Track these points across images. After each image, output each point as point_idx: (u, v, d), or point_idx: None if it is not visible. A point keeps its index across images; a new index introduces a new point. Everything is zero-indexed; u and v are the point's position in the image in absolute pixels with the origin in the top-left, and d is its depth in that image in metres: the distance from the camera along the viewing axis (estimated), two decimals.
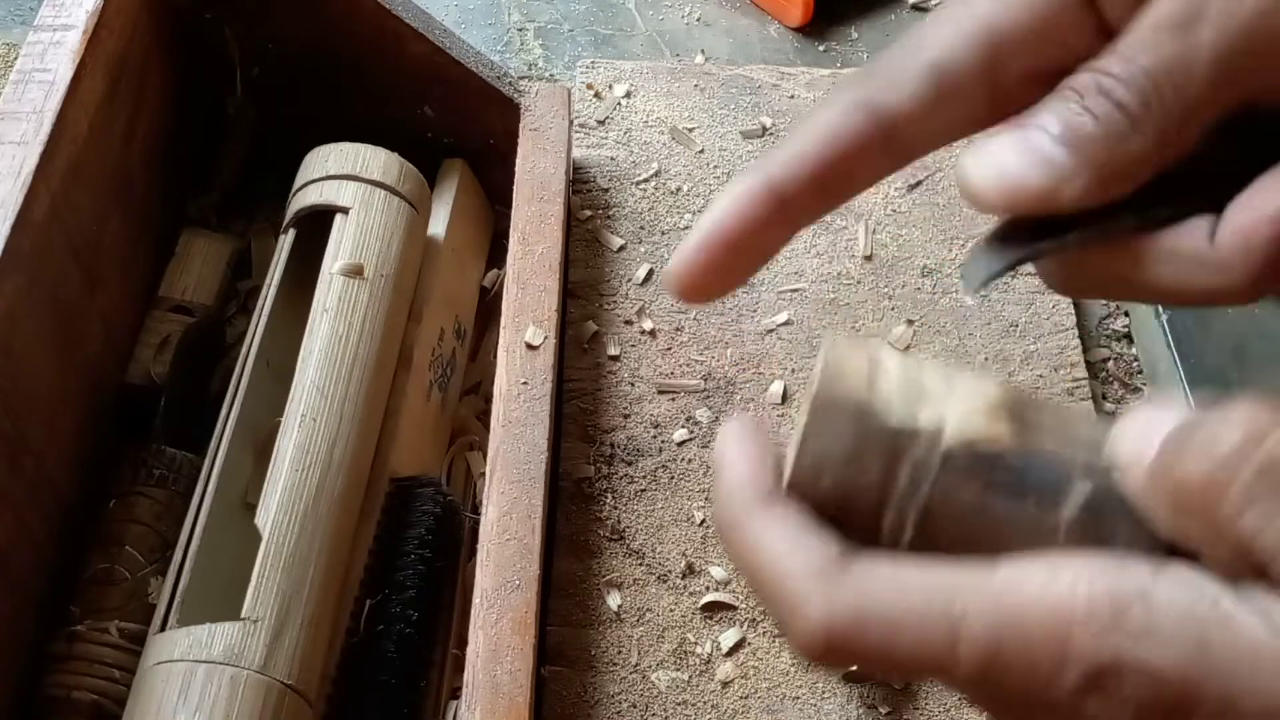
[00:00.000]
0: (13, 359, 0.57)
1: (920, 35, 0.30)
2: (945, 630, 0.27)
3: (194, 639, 0.54)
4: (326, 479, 0.60)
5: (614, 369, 0.74)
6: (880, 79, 0.30)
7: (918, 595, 0.27)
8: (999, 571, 0.27)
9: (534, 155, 0.73)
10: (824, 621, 0.28)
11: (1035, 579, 0.26)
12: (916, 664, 0.27)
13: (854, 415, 0.29)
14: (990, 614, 0.26)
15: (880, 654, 0.27)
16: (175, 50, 0.73)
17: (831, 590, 0.28)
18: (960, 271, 0.30)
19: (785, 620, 0.29)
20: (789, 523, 0.29)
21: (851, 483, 0.29)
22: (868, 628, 0.27)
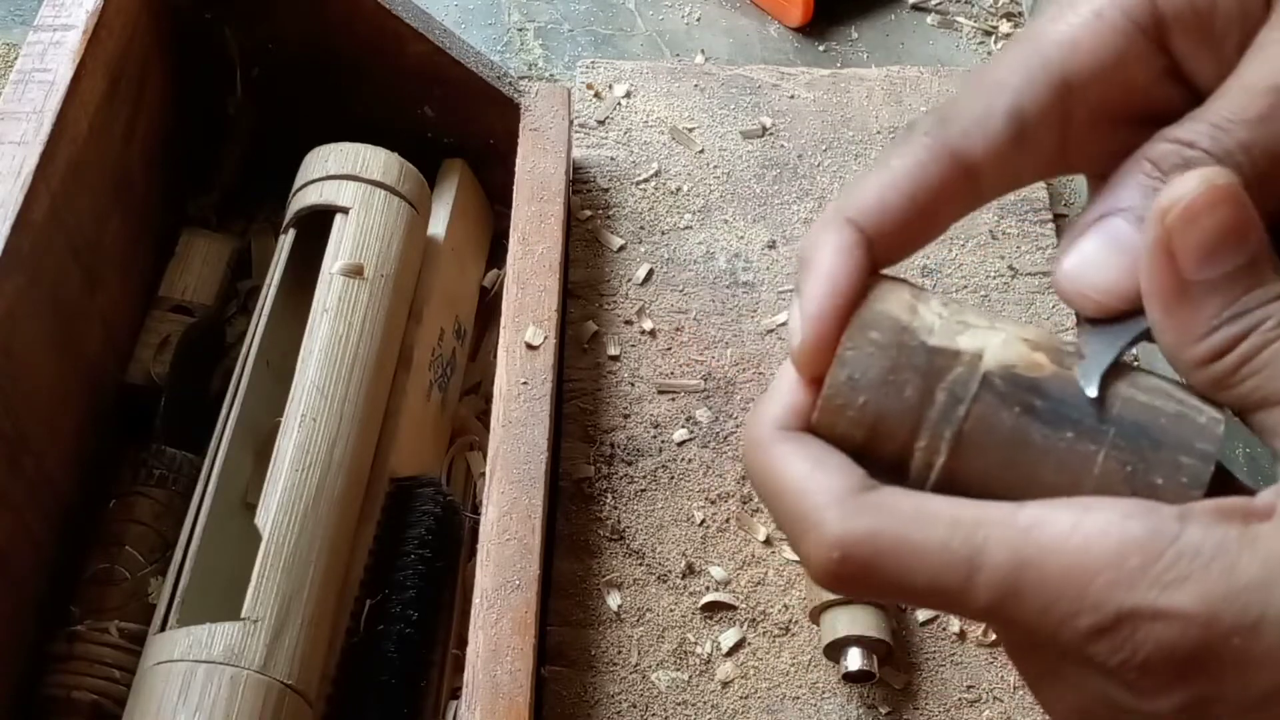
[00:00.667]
0: (13, 359, 0.57)
1: (994, 78, 0.30)
2: (964, 558, 0.27)
3: (194, 639, 0.54)
4: (326, 479, 0.60)
5: (614, 369, 0.74)
6: (960, 125, 0.30)
7: (940, 522, 0.27)
8: (1026, 508, 0.27)
9: (534, 155, 0.73)
10: (840, 539, 0.27)
11: (1063, 520, 0.26)
12: (930, 590, 0.27)
13: (893, 333, 0.29)
14: (1013, 549, 0.26)
15: (895, 577, 0.27)
16: (175, 50, 0.73)
17: (851, 510, 0.27)
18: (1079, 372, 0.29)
19: (800, 539, 0.28)
20: (815, 447, 0.29)
21: (887, 401, 0.28)
22: (885, 549, 0.27)
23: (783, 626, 0.66)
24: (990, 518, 0.27)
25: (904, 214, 0.30)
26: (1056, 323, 0.77)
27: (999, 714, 0.64)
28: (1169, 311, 0.27)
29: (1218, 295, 0.26)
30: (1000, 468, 0.28)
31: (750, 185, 0.82)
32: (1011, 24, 0.96)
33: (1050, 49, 0.29)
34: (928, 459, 0.28)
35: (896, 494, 0.28)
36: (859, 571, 0.27)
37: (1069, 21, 0.30)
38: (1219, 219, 0.26)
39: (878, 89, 0.87)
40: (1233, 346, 0.27)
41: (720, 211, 0.81)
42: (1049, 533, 0.26)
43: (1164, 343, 0.28)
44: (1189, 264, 0.26)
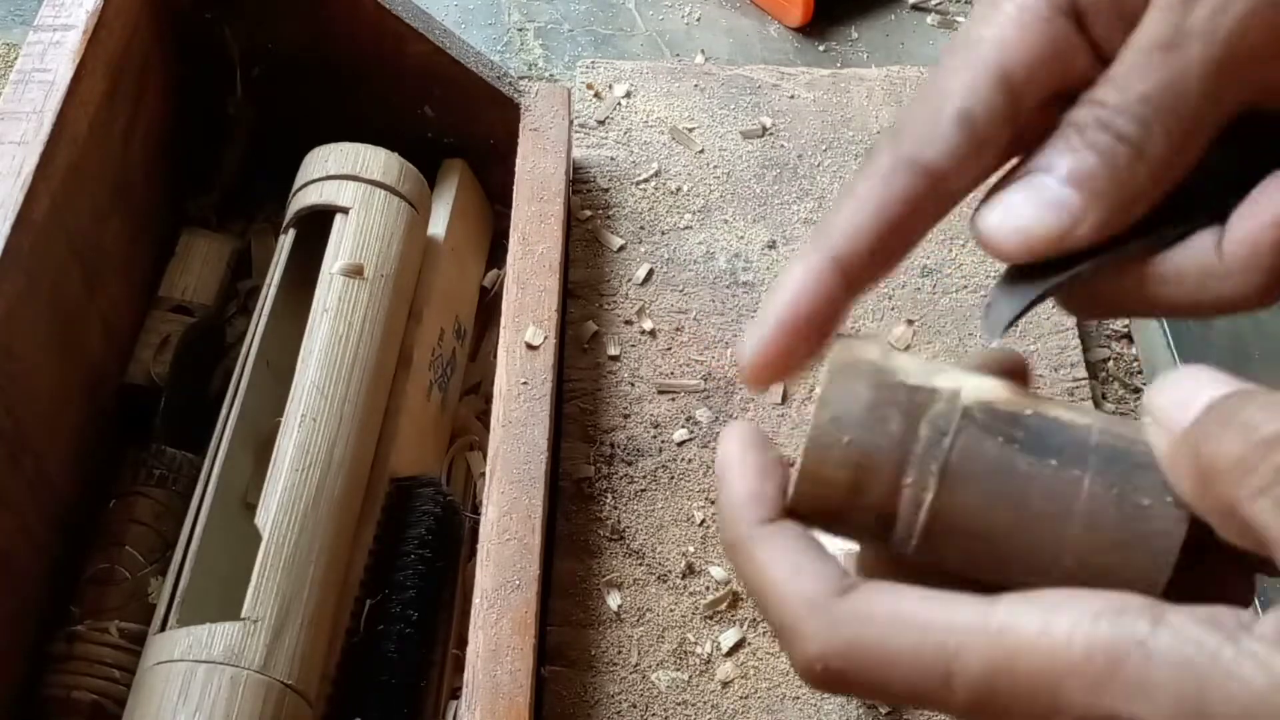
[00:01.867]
0: (13, 359, 0.57)
1: (938, 86, 0.31)
2: (940, 668, 0.27)
3: (194, 639, 0.54)
4: (326, 479, 0.60)
5: (614, 369, 0.74)
6: (913, 136, 0.30)
7: (914, 631, 0.27)
8: (998, 609, 0.27)
9: (534, 155, 0.73)
10: (819, 655, 0.28)
11: (1032, 622, 0.26)
12: (910, 698, 0.28)
13: (871, 374, 0.29)
14: (985, 655, 0.27)
15: (875, 687, 0.28)
16: (175, 50, 0.73)
17: (827, 624, 0.28)
18: (982, 315, 0.29)
19: (785, 644, 0.29)
20: (789, 546, 0.29)
21: (872, 437, 0.29)
22: (862, 663, 0.28)
23: None
24: (962, 623, 0.27)
25: (874, 231, 0.30)
26: (1057, 322, 0.77)
27: None
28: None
29: None
30: (989, 500, 0.28)
31: (750, 185, 0.82)
32: None
33: (984, 49, 0.30)
34: (916, 496, 0.28)
35: (872, 596, 0.28)
36: (840, 680, 0.28)
37: (996, 21, 0.30)
38: None
39: (878, 89, 0.87)
40: None
41: (720, 211, 0.81)
42: (1018, 636, 0.26)
43: None
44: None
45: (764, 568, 0.29)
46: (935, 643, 0.27)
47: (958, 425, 0.28)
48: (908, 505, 0.29)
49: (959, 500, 0.28)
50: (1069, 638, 0.26)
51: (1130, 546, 0.28)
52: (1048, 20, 0.30)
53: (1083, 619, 0.26)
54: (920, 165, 0.30)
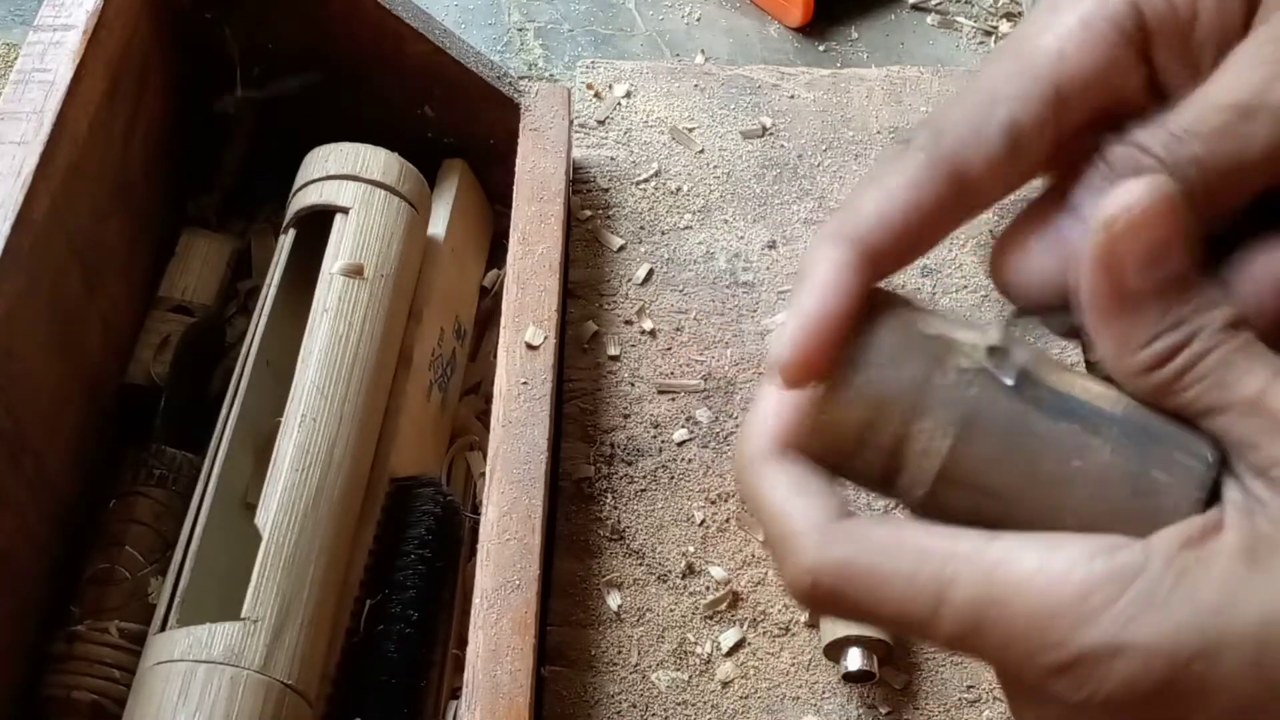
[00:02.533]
0: (13, 359, 0.57)
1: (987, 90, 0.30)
2: (931, 593, 0.27)
3: (194, 639, 0.54)
4: (326, 479, 0.60)
5: (614, 369, 0.74)
6: (955, 138, 0.30)
7: (910, 554, 0.28)
8: (996, 543, 0.27)
9: (534, 155, 0.73)
10: (813, 567, 0.28)
11: (1030, 558, 0.27)
12: (898, 620, 0.28)
13: (898, 323, 0.29)
14: (979, 585, 0.27)
15: (865, 604, 0.28)
16: (175, 50, 0.73)
17: (827, 538, 0.28)
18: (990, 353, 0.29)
19: (780, 560, 0.29)
20: (797, 470, 0.30)
21: (891, 380, 0.29)
22: (855, 580, 0.28)
23: (783, 626, 0.66)
24: (959, 551, 0.27)
25: (902, 230, 0.30)
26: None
27: (999, 714, 0.64)
28: (1108, 318, 0.27)
29: (1156, 303, 0.27)
30: (1000, 456, 0.28)
31: (750, 185, 0.82)
32: (1011, 24, 0.96)
33: (1040, 59, 0.30)
34: (927, 444, 0.28)
35: (871, 523, 0.28)
36: (830, 596, 0.28)
37: (1056, 31, 0.30)
38: (1162, 227, 0.26)
39: (878, 89, 0.87)
40: (1175, 354, 0.27)
41: (720, 211, 0.81)
42: (1014, 571, 0.27)
43: (1103, 349, 0.28)
44: (1130, 271, 0.27)
45: (770, 485, 0.30)
46: (931, 568, 0.27)
47: (978, 379, 0.28)
48: (918, 452, 0.28)
49: (971, 452, 0.28)
50: (1067, 574, 0.26)
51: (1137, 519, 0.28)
52: (1110, 41, 0.29)
53: (1079, 556, 0.26)
54: (958, 170, 0.30)
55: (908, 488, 0.29)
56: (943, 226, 0.31)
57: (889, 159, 0.30)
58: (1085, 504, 0.28)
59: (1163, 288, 0.27)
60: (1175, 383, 0.27)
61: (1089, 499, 0.28)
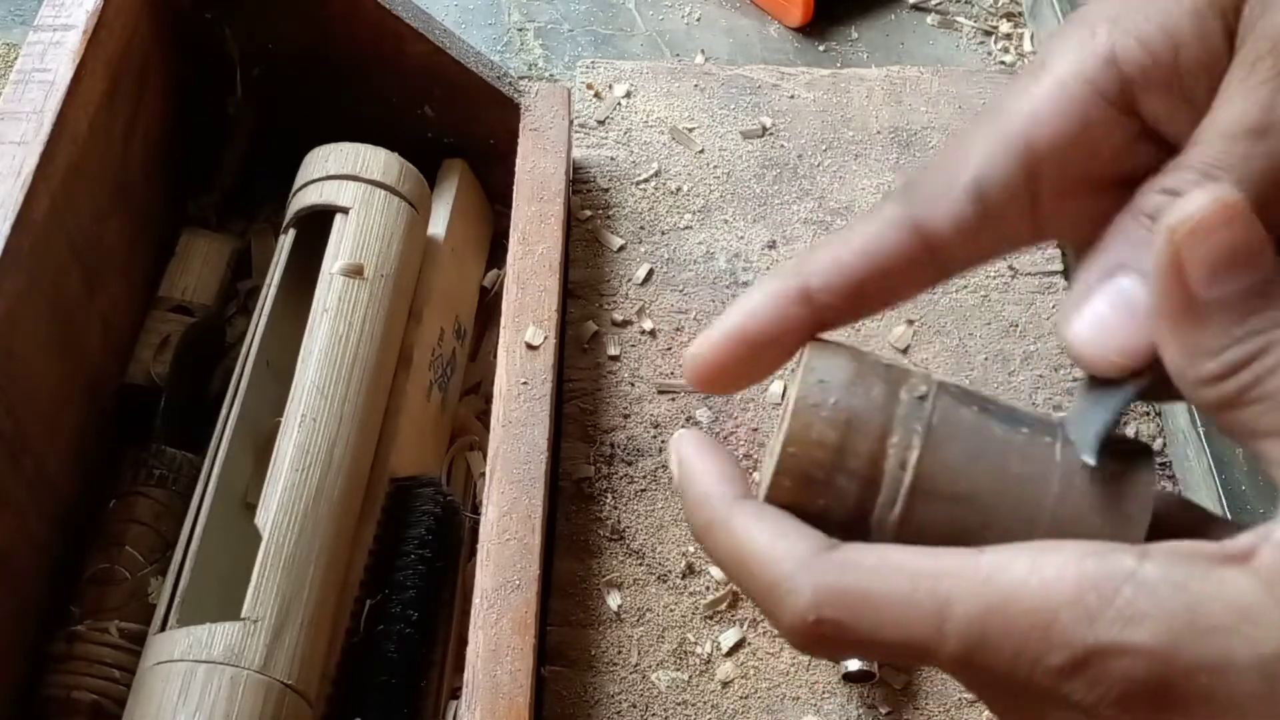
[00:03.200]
0: (13, 359, 0.57)
1: (960, 151, 0.30)
2: (932, 612, 0.27)
3: (194, 639, 0.54)
4: (326, 479, 0.60)
5: (614, 369, 0.74)
6: (923, 196, 0.30)
7: (904, 577, 0.27)
8: (984, 556, 0.27)
9: (534, 155, 0.73)
10: (813, 602, 0.28)
11: (1021, 564, 0.27)
12: (902, 646, 0.28)
13: (849, 353, 0.30)
14: (977, 596, 0.27)
15: (867, 635, 0.28)
16: (175, 50, 0.73)
17: (819, 573, 0.28)
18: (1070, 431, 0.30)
19: (773, 607, 0.29)
20: (771, 516, 0.29)
21: (856, 400, 0.29)
22: (855, 609, 0.28)
23: None
24: (950, 568, 0.27)
25: (855, 276, 0.30)
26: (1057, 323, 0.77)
27: None
28: (1177, 327, 0.27)
29: (1229, 314, 0.26)
30: (970, 460, 0.29)
31: (750, 185, 0.82)
32: (1011, 24, 0.96)
33: (1012, 120, 0.30)
34: (901, 455, 0.29)
35: (858, 550, 0.28)
36: (833, 631, 0.28)
37: (1031, 93, 0.30)
38: (1229, 235, 0.26)
39: (878, 89, 0.87)
40: (1244, 365, 0.26)
41: (720, 211, 0.81)
42: (1009, 578, 0.27)
43: (1170, 359, 0.27)
44: (1199, 279, 0.26)
45: (746, 536, 0.29)
46: (927, 588, 0.27)
47: (935, 393, 0.29)
48: (893, 465, 0.29)
49: (942, 458, 0.29)
50: (1059, 575, 0.26)
51: (1105, 508, 0.28)
52: (1084, 101, 0.29)
53: (1070, 557, 0.26)
54: (923, 228, 0.30)
55: (884, 510, 0.29)
56: (904, 283, 0.31)
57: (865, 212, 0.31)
58: (1056, 500, 0.28)
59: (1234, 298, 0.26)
60: (1242, 396, 0.26)
61: (1057, 494, 0.28)
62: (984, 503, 0.29)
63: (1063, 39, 0.30)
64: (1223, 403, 0.27)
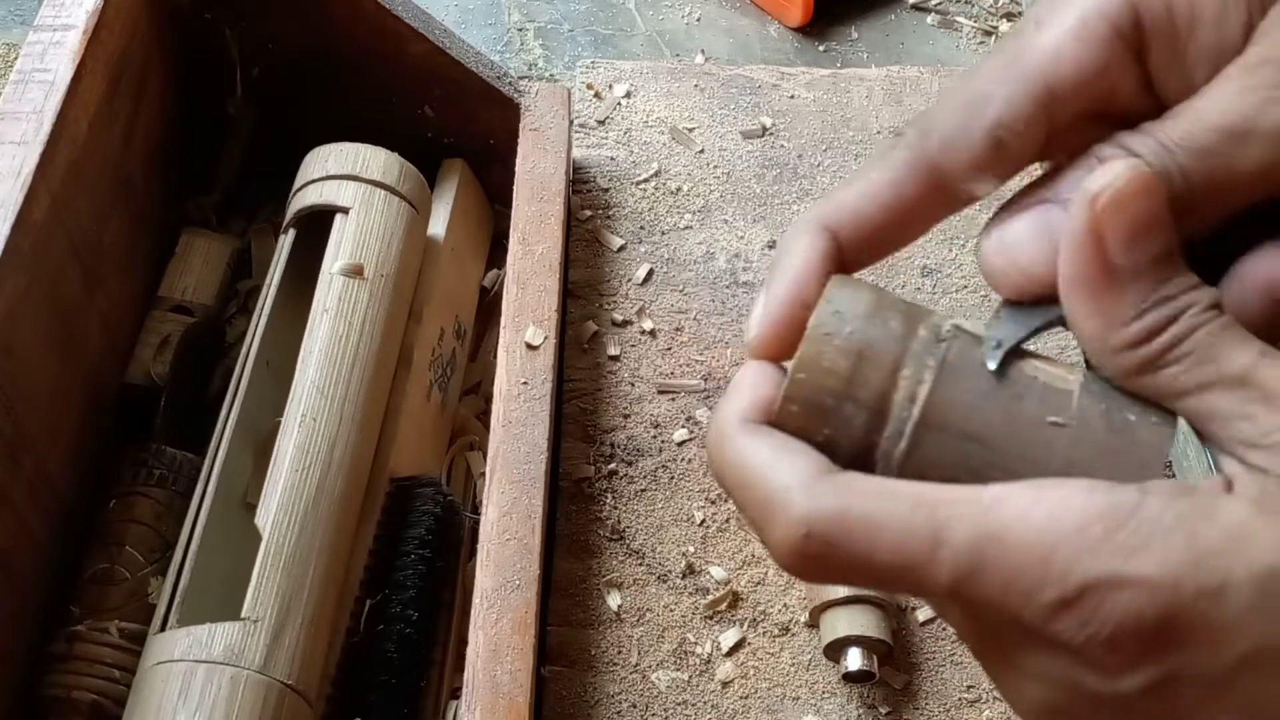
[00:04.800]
0: (13, 358, 0.57)
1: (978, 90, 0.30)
2: (927, 535, 0.27)
3: (194, 639, 0.54)
4: (326, 479, 0.60)
5: (614, 369, 0.74)
6: (942, 138, 0.30)
7: (903, 501, 0.27)
8: (990, 488, 0.27)
9: (534, 155, 0.73)
10: (805, 519, 0.28)
11: (1025, 496, 0.27)
12: (893, 568, 0.27)
13: (871, 289, 0.30)
14: (975, 525, 0.27)
15: (860, 554, 0.27)
16: (175, 50, 0.73)
17: (816, 491, 0.28)
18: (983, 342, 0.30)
19: (766, 522, 0.29)
20: (775, 437, 0.29)
21: (872, 330, 0.29)
22: (849, 527, 0.27)
23: (783, 626, 0.66)
24: (953, 497, 0.27)
25: (879, 223, 0.30)
26: None
27: (999, 714, 0.64)
28: (1094, 295, 0.27)
29: (1142, 281, 0.27)
30: (982, 399, 0.28)
31: (750, 185, 0.82)
32: (1011, 24, 0.96)
33: (1035, 57, 0.30)
34: (912, 389, 0.29)
35: (859, 476, 0.28)
36: (824, 550, 0.28)
37: (1053, 30, 0.30)
38: (1147, 205, 0.27)
39: (878, 89, 0.87)
40: (1161, 330, 0.27)
41: (720, 211, 0.81)
42: (1011, 508, 0.27)
43: (1084, 327, 0.28)
44: (1117, 248, 0.27)
45: (748, 454, 0.29)
46: (925, 512, 0.27)
47: (953, 332, 0.29)
48: (902, 398, 0.29)
49: (953, 395, 0.28)
50: (1065, 506, 0.26)
51: (1118, 455, 0.28)
52: (1106, 41, 0.29)
53: (1075, 491, 0.27)
54: (942, 170, 0.30)
55: (890, 443, 0.29)
56: (923, 223, 0.31)
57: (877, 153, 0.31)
58: (1067, 445, 0.28)
59: (1148, 265, 0.27)
60: (1159, 358, 0.27)
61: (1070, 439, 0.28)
62: (993, 443, 0.28)
63: None
64: (1143, 366, 0.28)
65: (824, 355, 0.29)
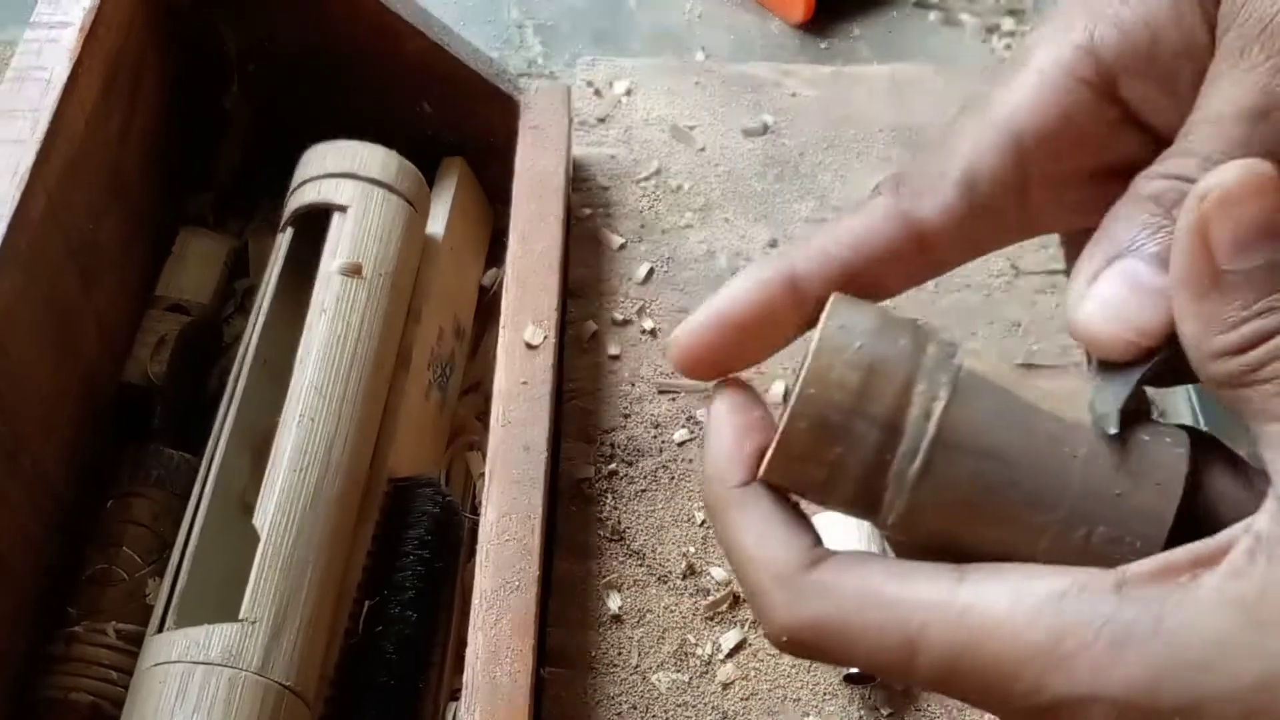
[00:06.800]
0: (9, 358, 0.57)
1: (948, 144, 0.30)
2: (904, 646, 0.27)
3: (191, 640, 0.54)
4: (325, 479, 0.59)
5: (614, 369, 0.74)
6: (912, 189, 0.30)
7: (879, 609, 0.27)
8: (963, 587, 0.27)
9: (534, 153, 0.73)
10: (784, 628, 0.29)
11: (998, 603, 0.27)
12: (876, 669, 0.28)
13: (874, 308, 0.29)
14: (950, 634, 0.27)
15: (841, 658, 0.28)
16: (172, 48, 0.73)
17: (793, 597, 0.28)
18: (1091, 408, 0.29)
19: (758, 611, 0.30)
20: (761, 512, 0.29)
21: (882, 346, 0.28)
22: (827, 638, 0.28)
23: None
24: (928, 600, 0.27)
25: (843, 267, 0.30)
26: (1059, 323, 0.77)
27: None
28: (1197, 297, 0.26)
29: (1249, 288, 0.26)
30: (998, 416, 0.28)
31: (751, 184, 0.82)
32: (1015, 20, 0.95)
33: (997, 112, 0.30)
34: (926, 406, 0.28)
35: (839, 570, 0.28)
36: (805, 651, 0.29)
37: (1013, 85, 0.30)
38: (1258, 207, 0.25)
39: (880, 87, 0.87)
40: (1260, 341, 0.26)
41: (721, 210, 0.81)
42: (984, 617, 0.27)
43: (1186, 330, 0.27)
44: (1224, 250, 0.26)
45: (737, 533, 0.30)
46: (900, 621, 0.27)
47: (962, 353, 0.29)
48: (917, 415, 0.28)
49: (969, 412, 0.28)
50: (1035, 618, 0.26)
51: (1137, 473, 0.27)
52: (1064, 89, 0.29)
53: (1050, 596, 0.26)
54: (912, 220, 0.30)
55: (904, 462, 0.28)
56: (894, 276, 0.30)
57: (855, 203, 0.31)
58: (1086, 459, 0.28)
59: (1257, 272, 0.26)
60: (1255, 371, 0.26)
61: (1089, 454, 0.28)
62: (1011, 460, 0.28)
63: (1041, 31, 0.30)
64: (1234, 379, 0.26)
65: (833, 369, 0.28)
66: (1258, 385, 0.26)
